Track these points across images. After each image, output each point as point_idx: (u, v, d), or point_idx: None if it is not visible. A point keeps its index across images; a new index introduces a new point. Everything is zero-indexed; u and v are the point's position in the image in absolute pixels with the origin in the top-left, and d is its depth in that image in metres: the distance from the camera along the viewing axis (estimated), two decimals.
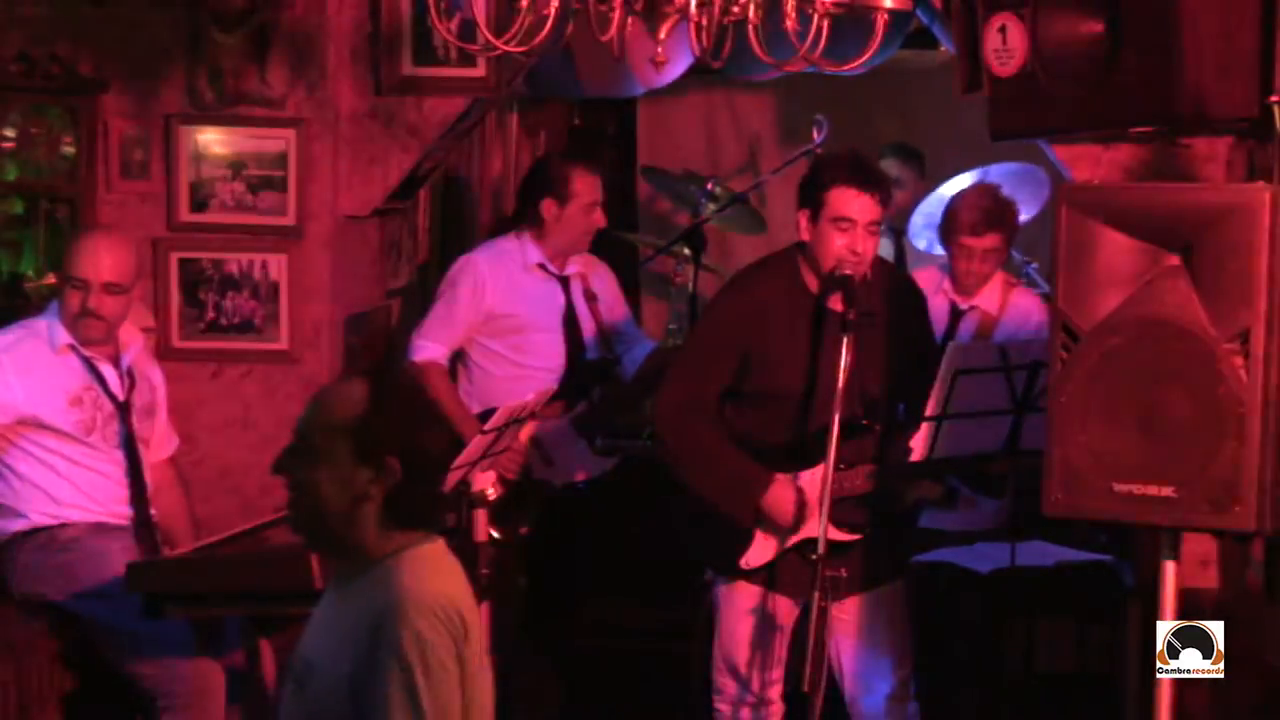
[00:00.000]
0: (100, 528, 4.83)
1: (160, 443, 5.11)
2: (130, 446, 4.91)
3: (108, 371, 4.90)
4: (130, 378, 4.95)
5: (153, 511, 4.99)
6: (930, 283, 5.50)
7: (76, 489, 4.84)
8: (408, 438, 2.98)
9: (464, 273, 5.62)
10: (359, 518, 2.96)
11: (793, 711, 4.68)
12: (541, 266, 5.64)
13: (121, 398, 4.90)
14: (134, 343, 5.01)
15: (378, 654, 2.86)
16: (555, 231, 5.59)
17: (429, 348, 5.58)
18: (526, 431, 5.21)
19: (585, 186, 5.59)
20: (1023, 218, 6.58)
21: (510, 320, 5.59)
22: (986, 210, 5.61)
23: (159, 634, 4.57)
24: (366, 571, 2.97)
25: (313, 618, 3.08)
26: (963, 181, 6.71)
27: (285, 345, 5.66)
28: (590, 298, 5.71)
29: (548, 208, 5.57)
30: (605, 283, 5.81)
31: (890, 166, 7.07)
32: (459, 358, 5.64)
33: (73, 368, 4.85)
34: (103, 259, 4.84)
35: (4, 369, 4.80)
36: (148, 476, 4.96)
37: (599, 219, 5.63)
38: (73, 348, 4.85)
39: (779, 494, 4.53)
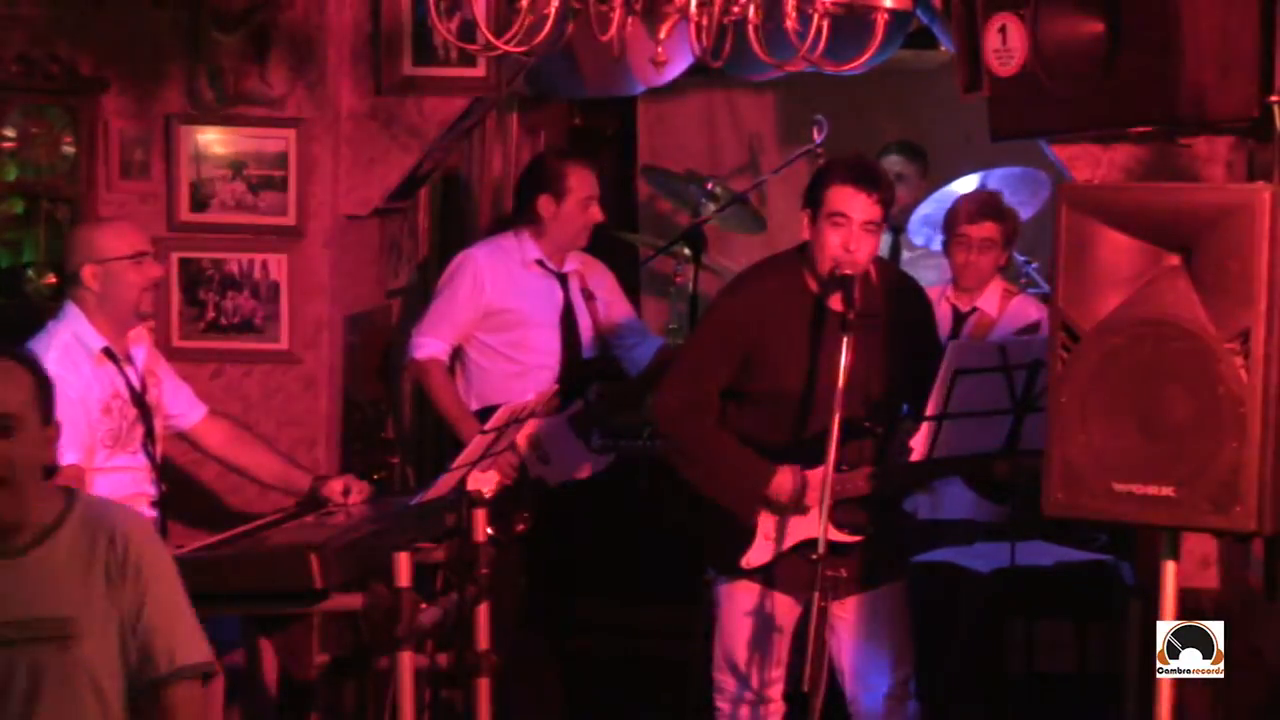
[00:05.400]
0: None
1: (188, 411, 5.08)
2: (150, 448, 4.89)
3: (131, 374, 4.84)
4: (143, 378, 4.92)
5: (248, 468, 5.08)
6: (931, 296, 5.53)
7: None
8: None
9: (462, 268, 5.62)
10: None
11: (793, 710, 4.68)
12: (540, 263, 5.64)
13: (146, 400, 4.86)
14: (141, 341, 4.97)
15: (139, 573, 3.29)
16: (553, 228, 5.60)
17: (429, 344, 5.58)
18: (524, 431, 5.21)
19: (580, 182, 5.59)
20: (1022, 218, 6.61)
21: (509, 316, 5.59)
22: (984, 202, 5.93)
23: None
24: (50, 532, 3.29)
25: None
26: (965, 183, 6.73)
27: (285, 345, 5.65)
28: (588, 296, 5.71)
29: (544, 205, 5.58)
30: (603, 282, 5.81)
31: (893, 164, 7.13)
32: (456, 355, 5.64)
33: (108, 375, 4.78)
34: (138, 230, 4.90)
35: (69, 385, 4.62)
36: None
37: (596, 214, 5.63)
38: (108, 353, 4.78)
39: (782, 480, 4.54)
